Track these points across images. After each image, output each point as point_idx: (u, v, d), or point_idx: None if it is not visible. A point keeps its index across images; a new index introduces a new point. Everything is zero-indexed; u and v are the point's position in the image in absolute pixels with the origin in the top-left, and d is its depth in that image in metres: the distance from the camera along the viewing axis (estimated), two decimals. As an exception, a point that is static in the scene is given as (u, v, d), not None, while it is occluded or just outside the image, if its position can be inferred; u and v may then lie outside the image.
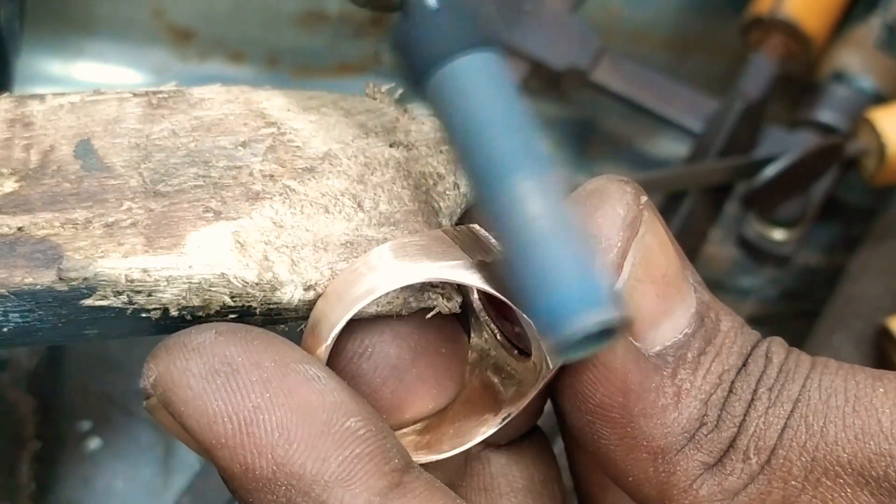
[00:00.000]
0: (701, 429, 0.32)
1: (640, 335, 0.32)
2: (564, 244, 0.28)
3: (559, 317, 0.28)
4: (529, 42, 0.68)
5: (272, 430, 0.30)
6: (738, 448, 0.32)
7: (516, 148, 0.29)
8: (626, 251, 0.32)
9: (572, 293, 0.28)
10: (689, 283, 0.33)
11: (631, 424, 0.32)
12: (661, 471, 0.32)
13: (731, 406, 0.32)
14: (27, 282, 0.31)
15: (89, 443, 0.63)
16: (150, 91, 0.36)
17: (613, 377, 0.32)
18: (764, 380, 0.32)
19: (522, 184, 0.28)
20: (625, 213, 0.32)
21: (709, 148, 0.66)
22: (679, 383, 0.32)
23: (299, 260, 0.33)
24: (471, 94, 0.29)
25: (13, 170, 0.33)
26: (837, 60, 0.70)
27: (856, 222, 0.72)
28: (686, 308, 0.33)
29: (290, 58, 0.76)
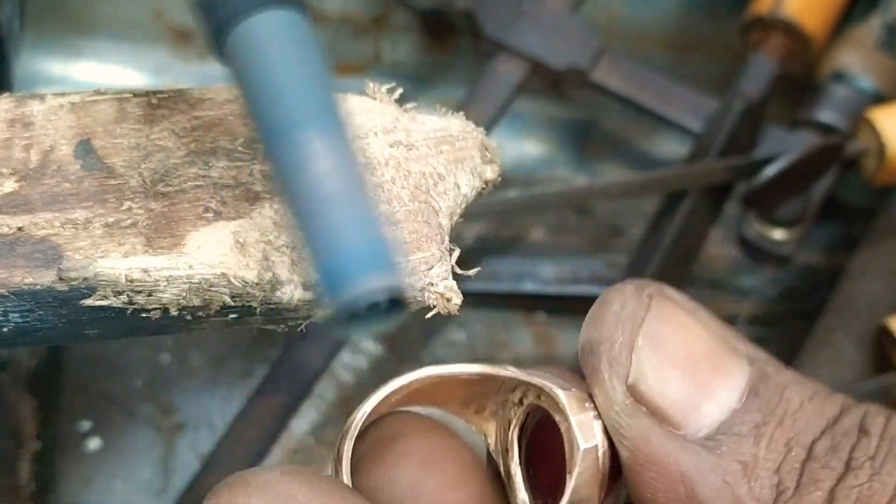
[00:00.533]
0: (780, 497, 0.30)
1: (679, 423, 0.31)
2: (349, 206, 0.27)
3: (338, 280, 0.26)
4: (529, 42, 0.68)
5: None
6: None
7: (307, 105, 0.28)
8: (631, 343, 0.32)
9: (353, 256, 0.27)
10: (734, 356, 0.32)
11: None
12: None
13: (813, 471, 0.30)
14: (27, 282, 0.31)
15: (89, 443, 0.63)
16: (150, 91, 0.36)
17: (665, 470, 0.31)
18: (861, 448, 0.31)
19: (311, 141, 0.27)
20: (620, 309, 0.32)
21: (709, 148, 0.66)
22: (740, 458, 0.31)
23: (299, 260, 0.33)
24: (266, 50, 0.28)
25: (13, 170, 0.33)
26: (837, 60, 0.70)
27: (856, 222, 0.72)
28: (732, 385, 0.32)
29: (290, 58, 0.76)
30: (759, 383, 0.32)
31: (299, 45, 0.29)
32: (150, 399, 0.64)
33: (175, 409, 0.65)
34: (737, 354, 0.32)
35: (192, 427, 0.64)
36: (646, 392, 0.32)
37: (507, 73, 0.68)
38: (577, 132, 0.77)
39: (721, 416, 0.31)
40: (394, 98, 0.37)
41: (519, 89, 0.68)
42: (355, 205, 0.27)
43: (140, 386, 0.65)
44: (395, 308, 0.27)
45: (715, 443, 0.31)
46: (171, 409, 0.65)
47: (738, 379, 0.32)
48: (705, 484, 0.31)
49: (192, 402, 0.65)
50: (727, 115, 0.66)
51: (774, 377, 0.32)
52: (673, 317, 0.32)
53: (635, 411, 0.31)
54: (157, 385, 0.65)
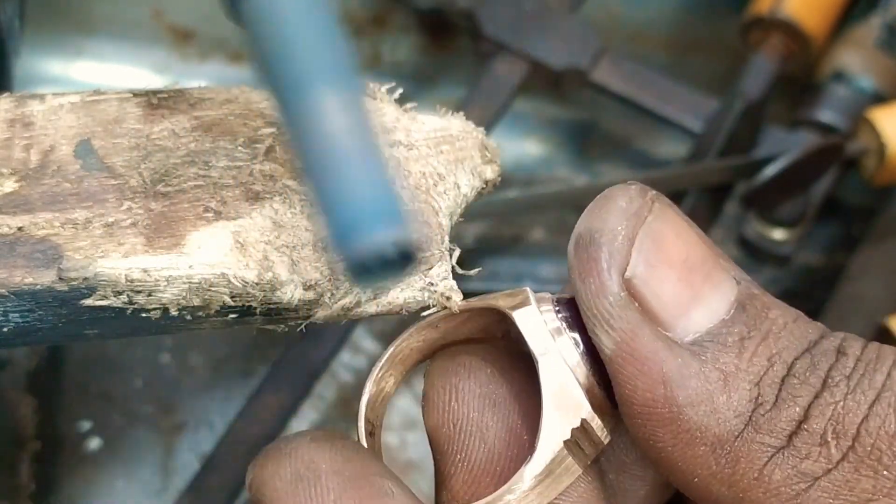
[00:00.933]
0: (757, 409, 0.31)
1: (668, 323, 0.31)
2: (360, 161, 0.27)
3: (351, 232, 0.27)
4: (529, 42, 0.68)
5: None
6: (812, 431, 0.30)
7: (321, 63, 0.28)
8: (632, 237, 0.32)
9: (363, 209, 0.27)
10: (724, 272, 0.32)
11: (680, 417, 0.31)
12: (724, 463, 0.31)
13: (792, 387, 0.31)
14: (27, 282, 0.31)
15: (89, 443, 0.63)
16: (150, 91, 0.35)
17: (648, 368, 0.31)
18: (838, 368, 0.31)
19: (324, 98, 0.28)
20: (626, 204, 0.32)
21: (709, 148, 0.66)
22: (723, 367, 0.31)
23: (299, 260, 0.33)
24: (281, 10, 0.29)
25: (13, 170, 0.33)
26: (837, 60, 0.70)
27: (856, 222, 0.72)
28: (721, 296, 0.32)
29: (290, 58, 0.76)
30: (746, 300, 0.32)
31: (313, 7, 0.29)
32: (150, 399, 0.65)
33: (175, 409, 0.65)
34: (726, 270, 0.33)
35: (192, 427, 0.64)
36: (640, 288, 0.31)
37: (507, 74, 0.68)
38: (577, 132, 0.77)
39: (709, 323, 0.32)
40: (394, 98, 0.37)
41: (519, 89, 0.68)
42: (366, 160, 0.28)
43: (140, 386, 0.65)
44: (406, 261, 0.27)
45: (700, 349, 0.31)
46: (171, 409, 0.65)
47: (728, 291, 0.32)
48: (685, 388, 0.31)
49: (192, 402, 0.65)
50: (727, 115, 0.66)
51: (760, 297, 0.32)
52: (674, 221, 0.32)
53: (628, 305, 0.31)
54: (157, 385, 0.65)
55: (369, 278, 0.27)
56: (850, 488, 0.30)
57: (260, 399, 0.59)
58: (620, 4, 0.77)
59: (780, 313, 0.32)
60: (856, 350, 0.31)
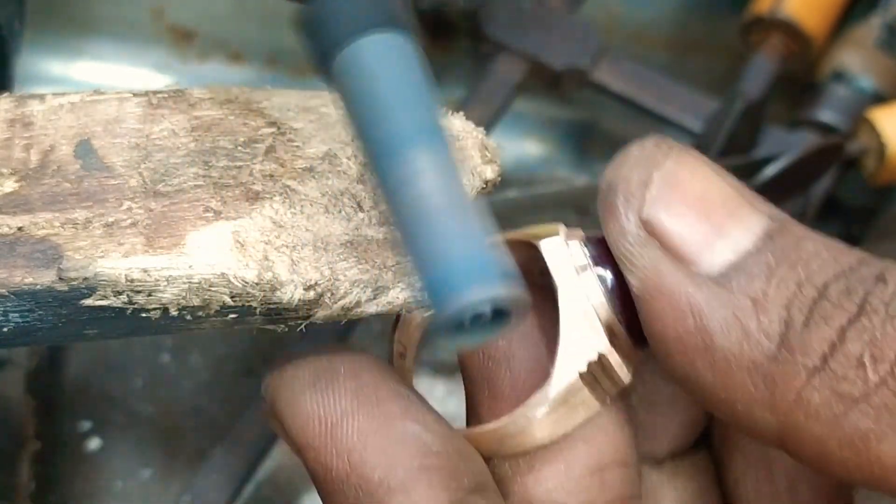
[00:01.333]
0: (789, 330, 0.30)
1: (692, 258, 0.32)
2: (455, 219, 0.28)
3: (446, 291, 0.27)
4: (529, 42, 0.68)
5: (353, 434, 0.32)
6: (848, 354, 0.30)
7: (414, 123, 0.29)
8: (647, 181, 0.32)
9: (458, 268, 0.27)
10: (750, 207, 0.32)
11: (713, 345, 0.31)
12: (762, 386, 0.30)
13: (824, 309, 0.30)
14: (27, 282, 0.31)
15: (89, 443, 0.63)
16: (150, 91, 0.35)
17: (675, 301, 0.31)
18: (877, 294, 0.30)
19: (417, 159, 0.28)
20: (640, 152, 0.33)
21: (709, 148, 0.66)
22: (752, 293, 0.31)
23: (299, 260, 0.33)
24: (372, 72, 0.29)
25: (13, 170, 0.33)
26: (837, 60, 0.70)
27: (856, 222, 0.72)
28: (746, 229, 0.32)
29: (290, 58, 0.76)
30: (775, 232, 0.32)
31: (405, 66, 0.29)
32: (150, 399, 0.65)
33: (175, 409, 0.65)
34: (755, 207, 0.32)
35: (193, 427, 0.64)
36: (658, 227, 0.32)
37: (507, 73, 0.68)
38: (577, 132, 0.77)
39: (734, 256, 0.31)
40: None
41: (519, 89, 0.68)
42: (461, 218, 0.28)
43: (140, 386, 0.65)
44: (500, 319, 0.28)
45: (726, 279, 0.31)
46: (171, 409, 0.65)
47: (754, 225, 0.32)
48: (714, 317, 0.31)
49: (192, 402, 0.65)
50: (727, 115, 0.66)
51: (793, 229, 0.32)
52: (692, 164, 0.33)
53: (648, 242, 0.32)
54: (157, 385, 0.65)
55: (463, 337, 0.28)
56: (890, 413, 0.29)
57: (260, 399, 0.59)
58: (620, 4, 0.77)
59: (815, 243, 0.32)
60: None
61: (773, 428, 0.31)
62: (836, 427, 0.29)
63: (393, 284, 0.33)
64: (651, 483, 0.37)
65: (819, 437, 0.30)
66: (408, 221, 0.28)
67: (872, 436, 0.29)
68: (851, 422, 0.29)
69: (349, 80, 0.29)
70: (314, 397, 0.33)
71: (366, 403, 0.32)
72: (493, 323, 0.28)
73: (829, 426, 0.30)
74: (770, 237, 0.32)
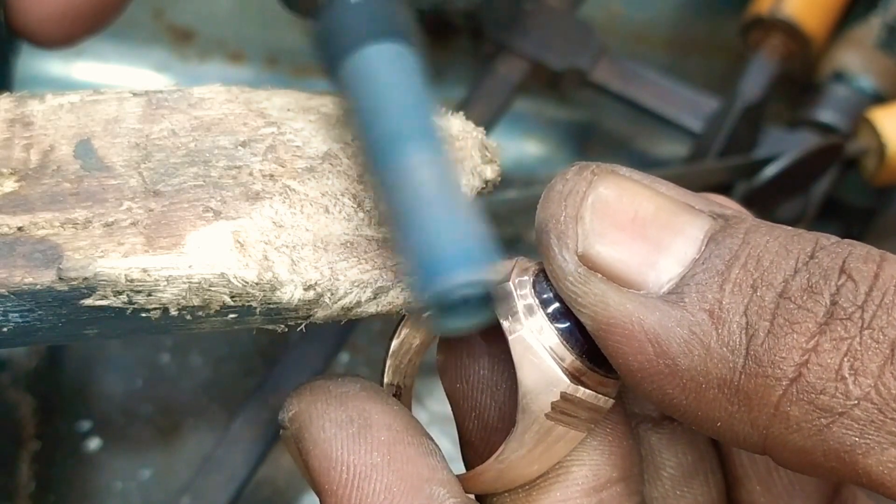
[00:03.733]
0: (752, 340, 0.29)
1: (637, 282, 0.30)
2: (446, 208, 0.30)
3: (435, 272, 0.29)
4: (529, 42, 0.68)
5: (380, 491, 0.31)
6: (825, 366, 0.28)
7: (412, 123, 0.31)
8: (576, 215, 0.31)
9: (448, 251, 0.29)
10: (687, 214, 0.31)
11: (678, 368, 0.30)
12: (737, 403, 0.29)
13: (788, 312, 0.29)
14: (27, 282, 0.31)
15: (89, 443, 0.63)
16: (150, 91, 0.35)
17: (629, 331, 0.30)
18: (846, 295, 0.29)
19: (414, 153, 0.30)
20: (563, 186, 0.32)
21: (709, 148, 0.66)
22: (706, 306, 0.29)
23: (299, 260, 0.33)
24: (374, 78, 0.32)
25: (13, 170, 0.33)
26: (837, 60, 0.70)
27: (856, 222, 0.72)
28: (686, 238, 0.31)
29: (290, 58, 0.76)
30: (718, 233, 0.31)
31: (405, 73, 0.32)
32: (150, 399, 0.65)
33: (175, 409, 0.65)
34: (692, 212, 0.31)
35: (192, 427, 0.64)
36: (596, 258, 0.31)
37: (507, 73, 0.68)
38: (577, 132, 0.77)
39: (680, 268, 0.30)
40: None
41: (519, 89, 0.68)
42: (452, 207, 0.30)
43: (140, 386, 0.65)
44: (485, 305, 0.29)
45: (678, 296, 0.30)
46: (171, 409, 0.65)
47: (695, 231, 0.31)
48: (673, 338, 0.30)
49: (192, 402, 0.65)
50: (727, 115, 0.66)
51: (737, 224, 0.31)
52: (616, 184, 0.32)
53: (589, 277, 0.31)
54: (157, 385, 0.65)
55: (450, 318, 0.29)
56: (876, 428, 0.28)
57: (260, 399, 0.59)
58: (620, 4, 0.77)
59: (762, 235, 0.30)
60: (866, 274, 0.29)
61: (756, 441, 0.30)
62: (820, 440, 0.29)
63: (393, 284, 0.33)
64: (651, 445, 0.36)
65: (803, 449, 0.29)
66: (403, 211, 0.30)
67: (859, 450, 0.28)
68: (835, 435, 0.28)
69: (353, 85, 0.32)
70: (345, 443, 0.32)
71: (397, 460, 0.32)
72: (478, 308, 0.29)
73: (812, 439, 0.29)
74: (714, 240, 0.30)
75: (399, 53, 0.32)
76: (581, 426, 0.33)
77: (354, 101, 0.32)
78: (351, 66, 0.32)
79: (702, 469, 0.37)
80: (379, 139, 0.31)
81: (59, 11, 0.44)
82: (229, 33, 0.76)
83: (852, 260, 0.29)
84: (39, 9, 0.44)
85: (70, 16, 0.44)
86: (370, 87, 0.31)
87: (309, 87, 0.37)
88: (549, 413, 0.32)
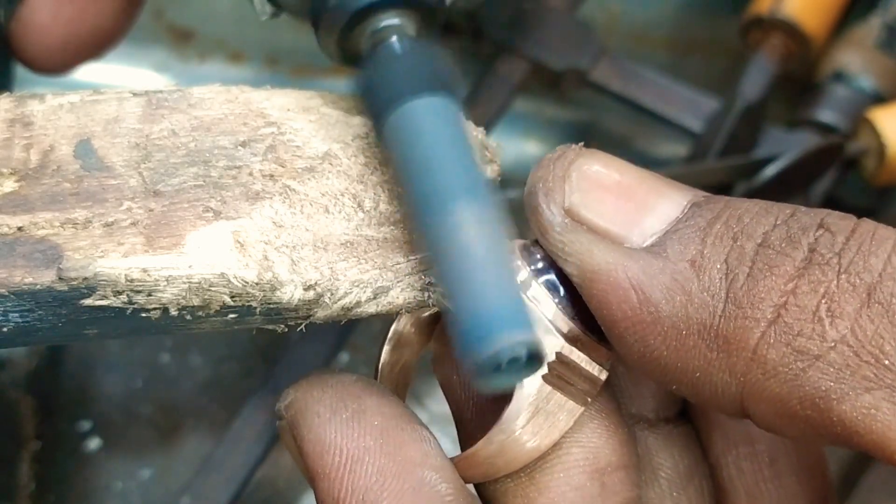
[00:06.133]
0: (732, 284, 0.30)
1: (621, 236, 0.32)
2: (494, 270, 0.30)
3: (479, 337, 0.29)
4: (529, 42, 0.68)
5: (372, 473, 0.32)
6: (802, 307, 0.29)
7: (457, 179, 0.31)
8: (564, 176, 0.32)
9: (494, 314, 0.29)
10: (670, 186, 0.32)
11: (660, 315, 0.30)
12: (716, 348, 0.30)
13: (767, 257, 0.30)
14: (27, 282, 0.31)
15: (89, 443, 0.63)
16: (150, 91, 0.36)
17: (614, 279, 0.31)
18: (824, 244, 0.29)
19: (461, 211, 0.30)
20: (552, 154, 0.33)
21: (709, 148, 0.66)
22: (689, 256, 0.30)
23: (299, 260, 0.33)
24: (421, 131, 0.31)
25: (13, 170, 0.33)
26: (837, 60, 0.70)
27: (856, 222, 0.72)
28: (671, 201, 0.32)
29: (290, 58, 0.76)
30: (702, 200, 0.32)
31: (449, 127, 0.32)
32: (150, 399, 0.65)
33: (175, 409, 0.65)
34: (676, 184, 0.33)
35: (192, 427, 0.64)
36: (583, 213, 0.32)
37: (507, 73, 0.68)
38: (577, 132, 0.77)
39: (663, 225, 0.32)
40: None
41: (519, 89, 0.68)
42: (499, 268, 0.30)
43: (140, 386, 0.65)
44: (532, 362, 0.29)
45: (660, 247, 0.31)
46: (171, 409, 0.65)
47: (680, 198, 0.32)
48: (655, 286, 0.30)
49: (192, 402, 0.65)
50: (727, 115, 0.66)
51: (719, 197, 0.32)
52: (605, 158, 0.33)
53: (574, 228, 0.32)
54: (157, 385, 0.65)
55: (499, 378, 0.29)
56: (851, 372, 0.28)
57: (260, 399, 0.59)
58: (620, 4, 0.77)
59: (744, 202, 0.31)
60: (843, 227, 0.30)
61: (734, 393, 0.30)
62: (796, 386, 0.29)
63: (393, 284, 0.33)
64: (647, 446, 0.37)
65: (779, 396, 0.29)
66: (451, 270, 0.30)
67: (833, 395, 0.28)
68: (811, 380, 0.29)
69: (398, 138, 0.32)
70: (339, 427, 0.32)
71: (389, 444, 0.32)
72: (526, 366, 0.29)
73: (788, 385, 0.29)
74: (697, 204, 0.32)
75: (444, 107, 0.32)
76: (578, 397, 0.33)
77: (400, 155, 0.32)
78: (396, 119, 0.32)
79: (697, 473, 0.37)
80: (425, 195, 0.31)
81: (60, 42, 0.45)
82: (229, 33, 0.76)
83: (830, 217, 0.30)
84: (41, 39, 0.45)
85: (71, 46, 0.45)
86: (416, 141, 0.31)
87: (309, 87, 0.37)
88: (545, 375, 0.32)
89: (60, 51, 0.45)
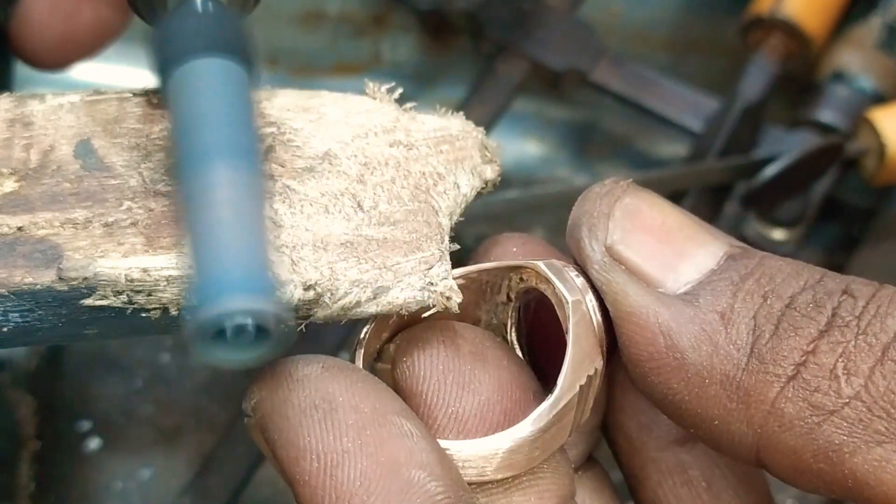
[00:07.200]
0: (758, 340, 0.31)
1: (657, 280, 0.33)
2: (234, 232, 0.28)
3: (206, 296, 0.27)
4: (529, 42, 0.68)
5: (355, 478, 0.30)
6: (821, 364, 0.30)
7: (219, 141, 0.30)
8: (608, 213, 0.33)
9: (223, 277, 0.27)
10: (709, 234, 0.33)
11: (685, 362, 0.31)
12: (736, 398, 0.31)
13: (793, 318, 0.31)
14: (27, 282, 0.31)
15: (89, 443, 0.63)
16: (150, 91, 0.35)
17: (644, 321, 0.32)
18: (846, 307, 0.31)
19: (215, 173, 0.29)
20: (600, 189, 0.34)
21: (709, 148, 0.66)
22: (719, 308, 0.32)
23: (299, 259, 0.33)
24: (199, 91, 0.31)
25: (13, 169, 0.33)
26: (837, 60, 0.70)
27: (856, 222, 0.72)
28: (708, 251, 0.33)
29: (290, 58, 0.76)
30: (737, 253, 0.33)
31: (230, 91, 0.31)
32: (150, 399, 0.65)
33: (175, 409, 0.65)
34: (715, 233, 0.34)
35: (192, 427, 0.64)
36: (623, 252, 0.33)
37: (508, 73, 0.68)
38: (577, 132, 0.77)
39: (698, 275, 0.33)
40: (394, 98, 0.37)
41: (519, 89, 0.68)
42: (240, 232, 0.28)
43: (140, 386, 0.65)
44: (262, 338, 0.27)
45: (693, 297, 0.32)
46: (171, 409, 0.65)
47: (716, 248, 0.33)
48: (683, 334, 0.32)
49: (192, 402, 0.65)
50: (727, 115, 0.66)
51: (754, 251, 0.33)
52: (650, 198, 0.34)
53: (613, 267, 0.33)
54: (157, 385, 0.65)
55: (222, 350, 0.27)
56: (864, 426, 0.30)
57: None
58: (620, 4, 0.77)
59: (777, 261, 0.33)
60: (865, 292, 0.31)
61: (750, 443, 0.31)
62: (811, 439, 0.30)
63: (393, 284, 0.33)
64: None
65: (794, 449, 0.30)
66: (194, 228, 0.29)
67: (846, 449, 0.30)
68: (825, 434, 0.30)
69: (177, 95, 0.31)
70: (311, 430, 0.31)
71: (369, 444, 0.30)
72: (255, 342, 0.27)
73: (803, 438, 0.30)
74: (732, 258, 0.33)
75: (230, 71, 0.31)
76: (573, 421, 0.33)
77: (176, 111, 0.31)
78: (179, 75, 0.31)
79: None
80: (186, 152, 0.30)
81: (59, 39, 0.46)
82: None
83: (855, 283, 0.32)
84: (40, 34, 0.45)
85: (69, 41, 0.46)
86: (192, 100, 0.31)
87: (309, 87, 0.37)
88: (582, 385, 0.33)
89: (59, 46, 0.46)
